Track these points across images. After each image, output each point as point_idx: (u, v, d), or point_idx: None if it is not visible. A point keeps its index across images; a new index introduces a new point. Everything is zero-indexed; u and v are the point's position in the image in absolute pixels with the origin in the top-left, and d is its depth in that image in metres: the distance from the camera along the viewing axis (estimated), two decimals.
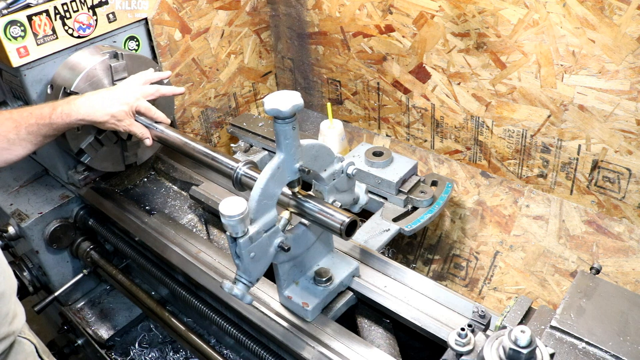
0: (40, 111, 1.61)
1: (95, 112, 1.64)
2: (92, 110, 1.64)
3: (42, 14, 1.81)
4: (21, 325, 1.41)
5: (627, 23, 1.71)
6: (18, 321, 1.39)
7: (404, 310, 1.46)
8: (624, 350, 1.08)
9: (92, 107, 1.64)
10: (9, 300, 1.35)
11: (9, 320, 1.34)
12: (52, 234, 2.07)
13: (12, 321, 1.36)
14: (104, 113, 1.65)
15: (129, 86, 1.75)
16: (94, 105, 1.64)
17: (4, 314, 1.33)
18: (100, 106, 1.65)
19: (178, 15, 2.40)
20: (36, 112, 1.61)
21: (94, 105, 1.64)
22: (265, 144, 2.45)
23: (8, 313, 1.35)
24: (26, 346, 1.43)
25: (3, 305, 1.33)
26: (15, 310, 1.39)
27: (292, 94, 1.23)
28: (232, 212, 1.18)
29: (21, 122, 1.59)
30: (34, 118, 1.59)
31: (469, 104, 2.24)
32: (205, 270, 1.68)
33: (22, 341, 1.42)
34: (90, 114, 1.64)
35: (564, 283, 2.10)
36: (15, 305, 1.40)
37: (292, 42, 2.78)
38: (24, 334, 1.44)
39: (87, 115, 1.64)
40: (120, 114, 1.67)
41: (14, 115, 1.60)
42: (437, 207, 2.07)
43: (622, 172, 1.96)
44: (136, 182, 2.25)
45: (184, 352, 1.97)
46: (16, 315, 1.39)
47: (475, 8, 2.02)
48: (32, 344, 1.46)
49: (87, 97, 1.67)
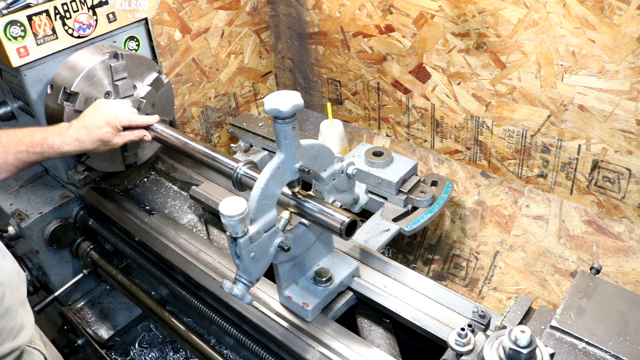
0: (31, 138, 1.61)
1: (84, 143, 1.68)
2: (80, 142, 1.67)
3: (42, 14, 1.81)
4: (28, 338, 1.36)
5: (627, 23, 1.71)
6: (25, 334, 1.34)
7: (404, 310, 1.46)
8: (624, 350, 1.08)
9: (79, 139, 1.67)
10: (14, 315, 1.30)
11: (13, 335, 1.30)
12: (52, 234, 2.07)
13: (17, 335, 1.31)
14: (91, 142, 1.68)
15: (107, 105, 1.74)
16: (81, 136, 1.67)
17: (8, 330, 1.28)
18: (86, 136, 1.67)
19: (178, 15, 2.40)
20: (26, 140, 1.61)
21: (80, 136, 1.67)
22: (265, 144, 2.45)
23: (13, 328, 1.30)
24: (35, 357, 1.39)
25: (8, 321, 1.28)
26: (22, 323, 1.34)
27: (292, 94, 1.23)
28: (232, 212, 1.18)
29: (10, 148, 1.58)
30: (24, 145, 1.60)
31: (469, 104, 2.24)
32: (205, 270, 1.68)
33: (32, 352, 1.39)
34: (78, 146, 1.68)
35: (564, 283, 2.10)
36: (22, 317, 1.35)
37: (292, 42, 2.78)
38: (34, 344, 1.40)
39: (77, 148, 1.68)
40: (107, 136, 1.70)
41: (4, 139, 1.59)
42: (437, 207, 2.07)
43: (622, 172, 1.96)
44: (136, 182, 2.25)
45: (184, 352, 1.97)
46: (23, 328, 1.34)
47: (475, 8, 2.02)
48: (42, 354, 1.42)
49: (73, 127, 1.68)
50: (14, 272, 1.35)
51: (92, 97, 1.85)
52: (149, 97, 1.99)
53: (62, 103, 1.82)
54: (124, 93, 1.92)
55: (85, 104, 1.84)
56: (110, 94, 1.90)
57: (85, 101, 1.84)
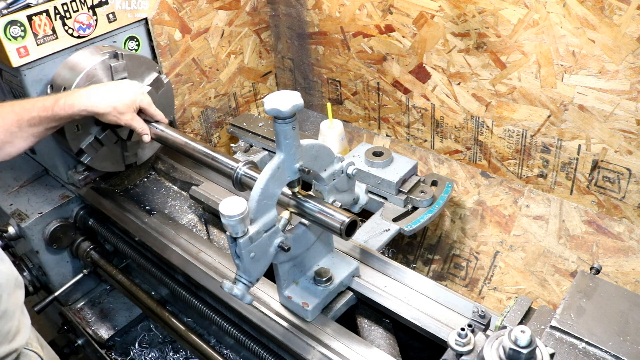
0: (42, 103, 1.61)
1: (99, 103, 1.64)
2: (95, 101, 1.64)
3: (42, 14, 1.81)
4: (24, 341, 1.35)
5: (627, 23, 1.71)
6: (21, 337, 1.33)
7: (404, 310, 1.46)
8: (624, 350, 1.08)
9: (95, 98, 1.64)
10: (11, 318, 1.29)
11: (9, 339, 1.29)
12: (52, 234, 2.07)
13: (13, 339, 1.30)
14: (107, 104, 1.65)
15: (133, 83, 1.78)
16: (97, 96, 1.65)
17: (4, 333, 1.27)
18: (103, 98, 1.65)
19: (178, 15, 2.40)
20: (38, 105, 1.60)
21: (97, 96, 1.65)
22: (265, 144, 2.45)
23: (9, 331, 1.29)
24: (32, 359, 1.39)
25: (4, 324, 1.27)
26: (19, 326, 1.33)
27: (292, 94, 1.23)
28: (232, 212, 1.18)
29: (23, 115, 1.58)
30: (36, 110, 1.59)
31: (469, 104, 2.24)
32: (205, 270, 1.68)
33: (29, 354, 1.38)
34: (93, 104, 1.63)
35: (564, 283, 2.10)
36: (19, 321, 1.34)
37: (292, 42, 2.78)
38: (31, 346, 1.40)
39: (90, 106, 1.63)
40: (123, 107, 1.68)
41: (16, 108, 1.59)
42: (437, 207, 2.07)
43: (622, 172, 1.96)
44: (136, 182, 2.25)
45: (184, 352, 1.97)
46: (19, 332, 1.33)
47: (475, 8, 2.02)
48: (39, 356, 1.41)
49: (90, 88, 1.68)
50: (12, 275, 1.34)
51: None
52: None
53: None
54: None
55: None
56: None
57: None
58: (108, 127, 1.95)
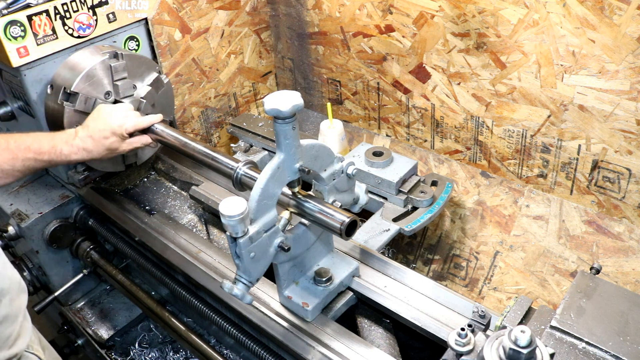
0: (38, 146, 1.63)
1: (92, 153, 1.71)
2: (88, 152, 1.70)
3: (42, 14, 1.81)
4: (25, 345, 1.35)
5: (627, 23, 1.71)
6: (22, 342, 1.33)
7: (404, 310, 1.46)
8: (624, 350, 1.08)
9: (87, 149, 1.70)
10: (12, 323, 1.29)
11: (9, 344, 1.28)
12: (52, 234, 2.07)
13: (13, 344, 1.29)
14: (99, 152, 1.72)
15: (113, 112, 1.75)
16: (88, 146, 1.70)
17: (4, 338, 1.26)
18: (94, 147, 1.70)
19: (178, 15, 2.40)
20: (34, 147, 1.62)
21: (87, 146, 1.70)
22: (265, 144, 2.45)
23: (10, 336, 1.28)
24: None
25: (5, 329, 1.26)
26: (20, 331, 1.33)
27: (292, 94, 1.23)
28: (232, 212, 1.18)
29: (18, 154, 1.59)
30: (31, 153, 1.61)
31: (469, 104, 2.24)
32: (205, 270, 1.68)
33: (29, 357, 1.38)
34: (86, 156, 1.71)
35: (564, 283, 2.10)
36: (21, 326, 1.33)
37: (292, 42, 2.78)
38: (32, 349, 1.39)
39: (85, 157, 1.72)
40: (114, 145, 1.73)
41: (11, 145, 1.60)
42: (437, 207, 2.07)
43: (622, 172, 1.96)
44: (136, 182, 2.25)
45: (184, 352, 1.97)
46: (20, 336, 1.32)
47: (475, 8, 2.02)
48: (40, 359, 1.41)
49: (79, 138, 1.70)
50: (15, 280, 1.34)
51: (92, 97, 1.85)
52: (149, 97, 1.99)
53: (62, 103, 1.82)
54: (124, 93, 1.92)
55: (85, 104, 1.84)
56: (110, 94, 1.90)
57: (85, 101, 1.84)
58: None
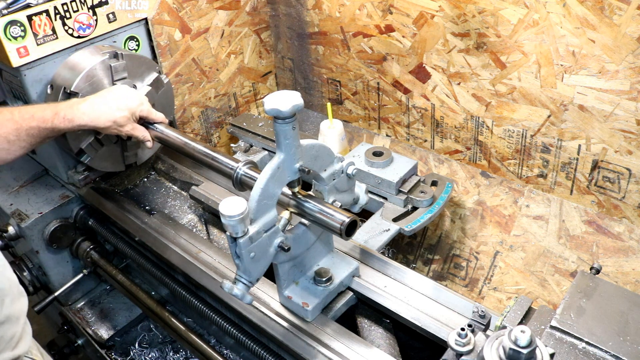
0: (42, 114, 1.60)
1: (99, 118, 1.65)
2: (95, 116, 1.65)
3: (42, 14, 1.81)
4: (27, 347, 1.35)
5: (627, 23, 1.71)
6: (24, 344, 1.33)
7: (404, 310, 1.46)
8: (624, 350, 1.08)
9: (95, 113, 1.65)
10: (15, 324, 1.29)
11: (12, 345, 1.28)
12: (52, 234, 2.07)
13: (16, 345, 1.29)
14: (107, 119, 1.66)
15: (130, 91, 1.76)
16: (97, 110, 1.65)
17: (8, 338, 1.26)
18: (103, 112, 1.66)
19: (178, 15, 2.40)
20: (38, 115, 1.59)
21: (96, 110, 1.65)
22: (265, 144, 2.45)
23: (13, 337, 1.28)
24: None
25: (8, 329, 1.26)
26: (22, 333, 1.33)
27: (292, 94, 1.23)
28: (232, 212, 1.18)
29: (22, 124, 1.57)
30: (35, 121, 1.58)
31: (469, 104, 2.24)
32: (205, 270, 1.68)
33: None
34: (93, 119, 1.65)
35: (564, 283, 2.10)
36: (23, 328, 1.33)
37: (292, 42, 2.78)
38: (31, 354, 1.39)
39: (90, 121, 1.65)
40: (123, 120, 1.69)
41: (15, 116, 1.58)
42: (437, 207, 2.07)
43: (622, 172, 1.96)
44: (136, 182, 2.25)
45: (184, 352, 1.97)
46: (22, 338, 1.32)
47: (475, 8, 2.02)
48: None
49: (90, 101, 1.66)
50: (14, 283, 1.34)
51: None
52: (149, 97, 1.99)
53: None
54: None
55: None
56: None
57: None
58: None
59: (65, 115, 1.61)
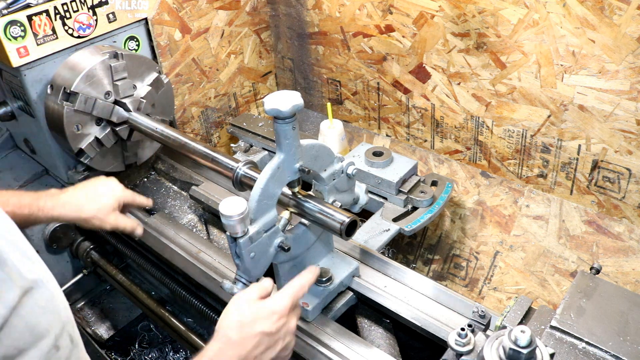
0: (18, 200, 1.49)
1: (81, 210, 1.57)
2: (77, 208, 1.56)
3: (42, 14, 1.81)
4: None
5: (627, 23, 1.71)
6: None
7: (404, 310, 1.46)
8: (624, 350, 1.08)
9: (77, 205, 1.57)
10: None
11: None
12: (52, 234, 2.07)
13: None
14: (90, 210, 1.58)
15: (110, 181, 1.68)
16: (79, 203, 1.57)
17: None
18: (85, 204, 1.57)
19: (178, 15, 2.40)
20: (13, 201, 1.48)
21: (78, 203, 1.57)
22: (265, 144, 2.45)
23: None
24: None
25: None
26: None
27: (292, 94, 1.23)
28: (232, 212, 1.18)
29: None
30: (10, 206, 1.46)
31: (469, 104, 2.24)
32: (205, 270, 1.68)
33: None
34: (75, 211, 1.56)
35: (564, 283, 2.10)
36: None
37: (292, 42, 2.78)
38: None
39: (71, 212, 1.56)
40: (105, 211, 1.60)
41: None
42: (437, 207, 2.07)
43: (622, 172, 1.96)
44: (136, 182, 2.25)
45: (184, 352, 1.97)
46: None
47: (475, 8, 2.02)
48: None
49: (70, 193, 1.59)
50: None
51: (92, 97, 1.85)
52: (149, 97, 1.99)
53: (62, 103, 1.82)
54: (124, 93, 1.93)
55: (85, 104, 1.84)
56: (110, 94, 1.91)
57: (85, 101, 1.84)
58: (108, 127, 1.95)
59: (46, 204, 1.52)
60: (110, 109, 1.90)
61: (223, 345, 1.09)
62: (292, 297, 1.19)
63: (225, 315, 1.15)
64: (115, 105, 1.92)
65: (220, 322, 1.13)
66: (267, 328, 1.12)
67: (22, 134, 2.24)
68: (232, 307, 1.16)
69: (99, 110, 1.88)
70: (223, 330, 1.12)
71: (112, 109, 1.91)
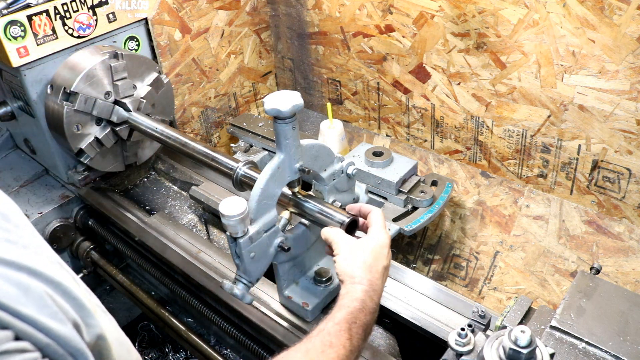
0: None
1: None
2: None
3: (42, 14, 1.81)
4: None
5: (627, 23, 1.71)
6: None
7: (404, 310, 1.46)
8: (624, 350, 1.08)
9: None
10: None
11: None
12: (52, 234, 2.07)
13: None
14: None
15: None
16: None
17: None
18: None
19: (178, 15, 2.40)
20: None
21: None
22: (265, 144, 2.45)
23: None
24: None
25: None
26: None
27: (292, 94, 1.23)
28: (232, 212, 1.18)
29: None
30: None
31: (469, 104, 2.24)
32: (205, 270, 1.68)
33: None
34: None
35: (564, 283, 2.10)
36: None
37: (292, 42, 2.78)
38: None
39: None
40: None
41: None
42: (437, 207, 2.06)
43: (622, 172, 1.96)
44: (136, 182, 2.25)
45: (184, 352, 1.97)
46: None
47: (475, 8, 2.02)
48: None
49: None
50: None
51: (92, 97, 1.85)
52: (149, 97, 1.99)
53: (62, 103, 1.82)
54: (124, 93, 1.93)
55: (85, 104, 1.84)
56: (110, 94, 1.91)
57: (85, 101, 1.84)
58: (108, 127, 1.95)
59: None
60: (110, 109, 1.90)
61: (367, 287, 1.16)
62: (386, 228, 1.30)
63: (345, 261, 1.21)
64: (115, 105, 1.92)
65: (343, 269, 1.20)
66: (386, 262, 1.25)
67: (22, 134, 2.24)
68: (345, 252, 1.23)
69: (99, 110, 1.88)
70: (355, 274, 1.18)
71: (112, 109, 1.91)
